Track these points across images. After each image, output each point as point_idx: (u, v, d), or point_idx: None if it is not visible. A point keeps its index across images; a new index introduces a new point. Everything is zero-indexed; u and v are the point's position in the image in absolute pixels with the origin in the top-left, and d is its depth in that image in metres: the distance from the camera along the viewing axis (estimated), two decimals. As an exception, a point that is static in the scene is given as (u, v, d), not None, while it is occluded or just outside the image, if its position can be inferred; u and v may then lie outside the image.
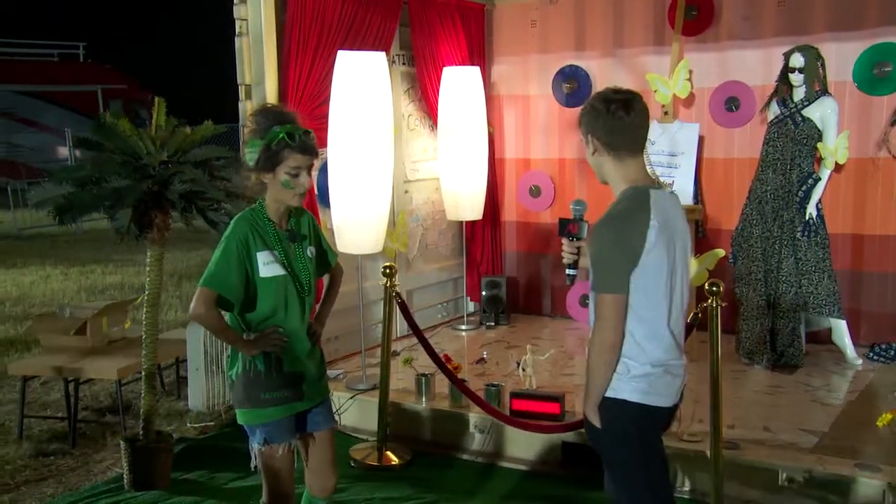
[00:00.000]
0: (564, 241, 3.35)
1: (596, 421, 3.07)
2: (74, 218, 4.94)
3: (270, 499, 3.54)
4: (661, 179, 3.35)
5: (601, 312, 2.98)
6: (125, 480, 4.88)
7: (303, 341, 3.52)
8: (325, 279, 3.88)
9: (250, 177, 3.43)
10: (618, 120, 3.00)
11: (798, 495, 4.42)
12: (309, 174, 3.43)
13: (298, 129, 3.38)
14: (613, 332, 2.97)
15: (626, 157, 3.05)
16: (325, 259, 3.73)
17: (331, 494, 3.75)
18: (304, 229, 3.57)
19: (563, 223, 3.36)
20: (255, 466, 3.51)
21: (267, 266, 3.38)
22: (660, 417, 3.12)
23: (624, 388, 3.02)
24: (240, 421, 3.52)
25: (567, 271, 3.38)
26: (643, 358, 3.02)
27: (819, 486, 4.39)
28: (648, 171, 3.15)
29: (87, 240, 13.30)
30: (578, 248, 3.32)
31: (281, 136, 3.33)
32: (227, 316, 3.47)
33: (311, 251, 3.57)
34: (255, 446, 3.47)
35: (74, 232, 14.52)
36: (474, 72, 7.19)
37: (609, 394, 3.04)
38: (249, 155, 3.39)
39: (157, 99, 4.93)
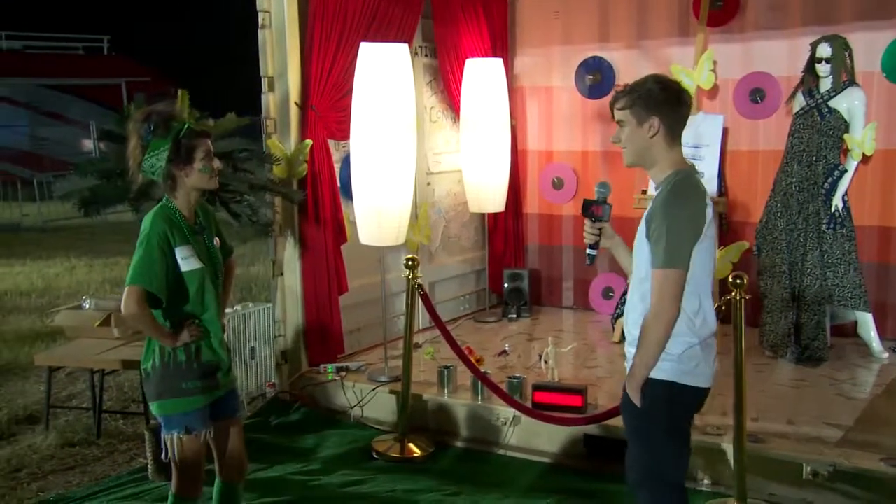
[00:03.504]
0: (587, 221, 3.39)
1: (638, 400, 3.10)
2: (99, 210, 5.00)
3: (182, 486, 3.57)
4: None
5: (664, 288, 2.99)
6: (149, 470, 4.93)
7: (218, 331, 3.58)
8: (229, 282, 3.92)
9: (161, 181, 3.47)
10: (684, 109, 3.15)
11: (822, 489, 4.40)
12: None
13: (190, 120, 3.47)
14: (676, 308, 3.00)
15: (676, 143, 3.16)
16: (225, 249, 3.76)
17: (243, 478, 3.82)
18: (209, 222, 3.64)
19: (587, 204, 3.40)
20: (168, 456, 3.54)
21: (186, 260, 3.44)
22: (698, 398, 3.18)
23: (672, 369, 3.07)
24: (157, 412, 3.56)
25: (588, 251, 3.41)
26: (691, 335, 3.07)
27: (844, 480, 4.37)
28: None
29: (112, 232, 13.36)
30: (600, 229, 3.36)
31: (187, 126, 3.42)
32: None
33: (216, 241, 3.63)
34: (173, 435, 3.50)
35: (99, 224, 14.66)
36: (497, 63, 7.18)
37: (659, 375, 3.07)
38: (154, 160, 3.41)
39: (180, 91, 4.97)
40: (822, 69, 6.01)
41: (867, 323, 6.24)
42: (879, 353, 6.21)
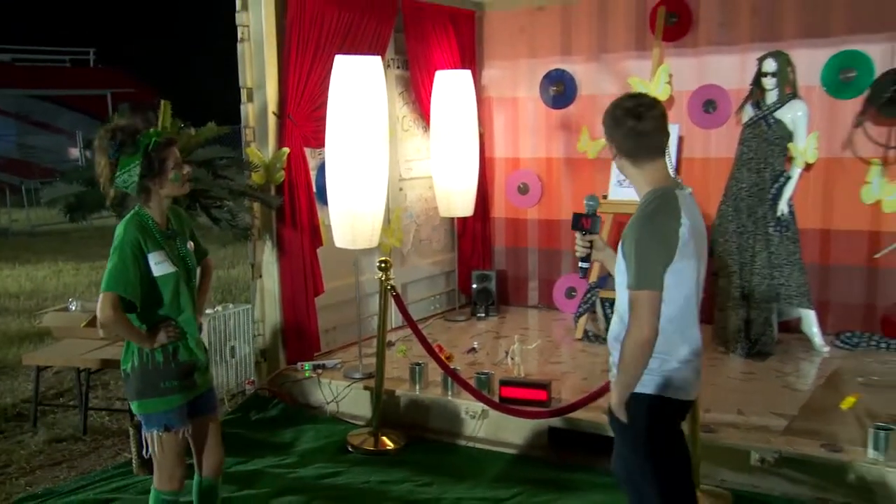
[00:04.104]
0: (577, 234, 3.31)
1: (623, 417, 3.00)
2: (84, 216, 4.96)
3: (162, 481, 3.55)
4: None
5: (638, 310, 2.89)
6: (133, 465, 4.90)
7: (194, 332, 3.55)
8: (208, 282, 3.90)
9: (135, 194, 3.43)
10: (630, 129, 2.98)
11: (769, 474, 4.45)
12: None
13: (153, 131, 3.42)
14: (650, 329, 2.87)
15: (644, 161, 3.01)
16: (200, 251, 3.73)
17: (220, 472, 3.80)
18: (182, 227, 3.60)
19: (577, 217, 3.32)
20: (148, 453, 3.53)
21: (159, 265, 3.40)
22: (683, 411, 3.11)
23: (649, 382, 2.98)
24: (137, 411, 3.54)
25: (580, 264, 3.36)
26: (674, 354, 2.98)
27: (788, 465, 4.42)
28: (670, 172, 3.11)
29: (97, 236, 13.24)
30: (591, 241, 3.29)
31: (153, 139, 3.36)
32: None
33: (189, 245, 3.60)
34: (153, 433, 3.48)
35: (85, 229, 14.55)
36: (465, 75, 7.19)
37: (640, 389, 2.98)
38: (127, 175, 3.36)
39: (163, 102, 4.94)
40: (768, 83, 6.06)
41: (810, 319, 6.29)
42: (821, 346, 6.27)
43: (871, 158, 6.37)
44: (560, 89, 7.54)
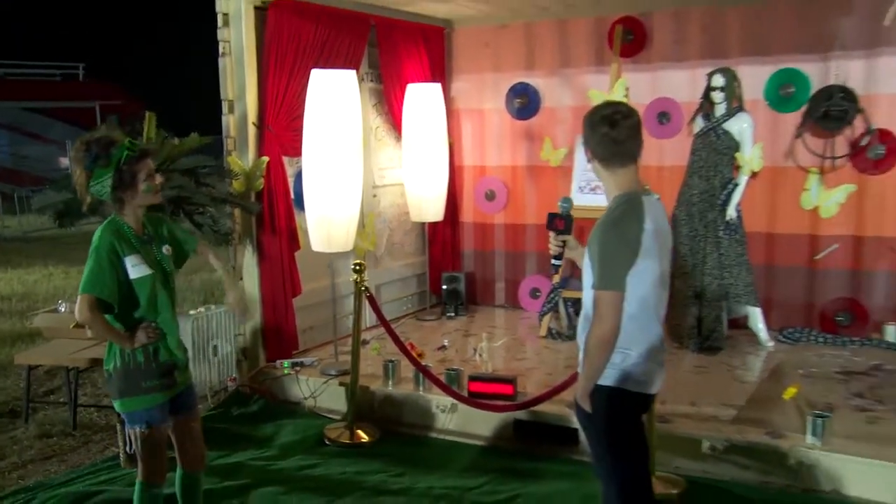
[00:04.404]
0: (551, 234, 3.33)
1: (587, 406, 3.03)
2: (72, 221, 4.94)
3: (146, 474, 3.55)
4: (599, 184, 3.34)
5: (601, 309, 2.91)
6: (121, 458, 4.89)
7: (173, 332, 3.54)
8: (214, 261, 3.92)
9: (110, 203, 3.43)
10: (603, 135, 2.98)
11: (719, 461, 4.52)
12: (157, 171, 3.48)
13: (128, 142, 3.38)
14: (611, 327, 2.90)
15: (616, 167, 3.01)
16: (183, 251, 3.71)
17: (204, 466, 3.81)
18: (158, 232, 3.58)
19: (551, 217, 3.33)
20: (132, 449, 3.53)
21: (135, 268, 3.39)
22: (643, 403, 3.11)
23: (610, 375, 3.00)
24: (120, 409, 3.53)
25: (553, 262, 3.37)
26: (634, 350, 2.99)
27: (736, 452, 4.49)
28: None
29: (86, 242, 13.06)
30: (564, 241, 3.31)
31: (125, 153, 3.34)
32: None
33: (166, 249, 3.57)
34: (136, 430, 3.48)
35: (74, 234, 14.42)
36: (435, 88, 7.21)
37: (601, 381, 3.00)
38: (100, 186, 3.36)
39: (148, 113, 4.94)
40: (717, 96, 6.13)
41: (756, 316, 6.37)
42: (766, 341, 6.35)
43: (810, 167, 6.46)
44: (524, 101, 7.57)
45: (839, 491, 4.28)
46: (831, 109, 6.33)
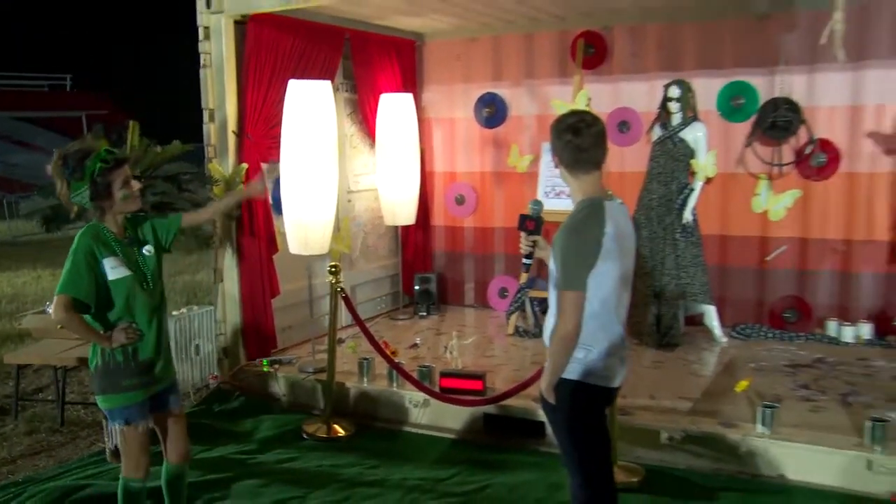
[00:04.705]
0: (522, 234, 3.34)
1: (552, 399, 3.04)
2: (59, 226, 4.89)
3: (128, 469, 3.53)
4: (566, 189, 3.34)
5: (563, 307, 2.93)
6: (107, 453, 4.85)
7: (152, 333, 3.49)
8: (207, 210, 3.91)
9: (89, 211, 3.41)
10: (568, 142, 2.99)
11: (676, 450, 4.57)
12: (133, 178, 3.44)
13: (103, 152, 3.35)
14: (573, 324, 2.91)
15: (580, 173, 3.02)
16: (168, 236, 3.62)
17: (187, 460, 3.79)
18: (140, 234, 3.53)
19: (522, 219, 3.34)
20: (116, 444, 3.52)
21: (114, 270, 3.36)
22: (602, 396, 3.10)
23: (575, 369, 3.01)
24: (102, 406, 3.51)
25: (524, 261, 3.37)
26: (596, 346, 3.00)
27: (692, 441, 4.54)
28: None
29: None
30: (534, 241, 3.32)
31: (97, 165, 3.30)
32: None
33: (147, 249, 3.52)
34: (116, 426, 3.47)
35: (61, 238, 14.24)
36: (407, 98, 7.22)
37: (564, 375, 3.01)
38: (79, 198, 3.34)
39: (131, 122, 4.91)
40: (673, 107, 6.19)
41: (711, 314, 6.42)
42: (720, 338, 6.41)
43: (760, 174, 6.54)
44: (492, 111, 7.59)
45: (785, 476, 4.36)
46: (778, 120, 6.43)
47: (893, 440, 4.29)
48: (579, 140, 2.98)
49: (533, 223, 3.35)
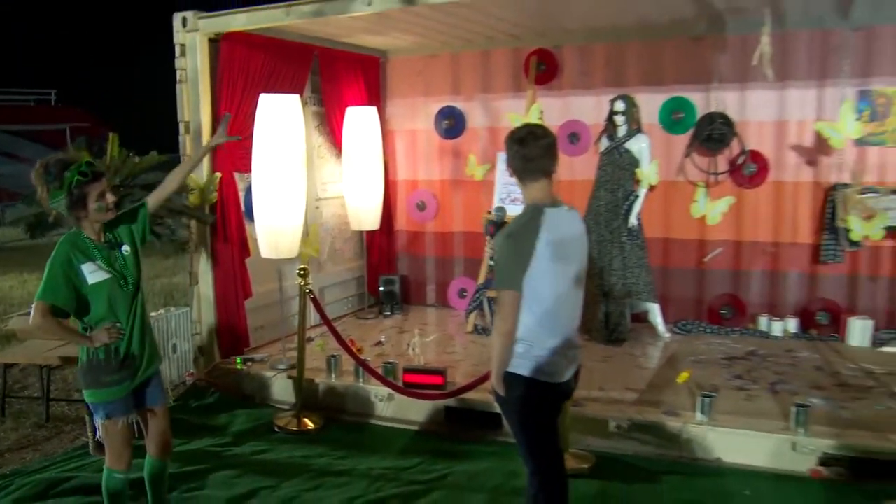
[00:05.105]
0: (488, 238, 3.36)
1: (501, 390, 3.07)
2: (43, 233, 4.84)
3: (111, 461, 3.52)
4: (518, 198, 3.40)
5: (501, 306, 2.97)
6: (90, 447, 4.82)
7: (135, 329, 3.48)
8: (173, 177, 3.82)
9: (65, 217, 3.40)
10: (516, 152, 3.03)
11: (623, 438, 4.64)
12: (109, 191, 3.42)
13: (83, 165, 3.33)
14: (509, 321, 2.96)
15: (528, 181, 3.04)
16: (141, 225, 3.58)
17: (169, 455, 3.77)
18: (117, 236, 3.50)
19: (488, 224, 3.38)
20: (100, 437, 3.50)
21: (93, 274, 3.34)
22: (550, 391, 3.08)
23: (521, 365, 3.02)
24: (87, 400, 3.50)
25: (489, 262, 3.43)
26: (539, 343, 3.01)
27: (638, 430, 4.62)
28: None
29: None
30: None
31: (75, 178, 3.29)
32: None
33: (125, 249, 3.49)
34: (99, 420, 3.45)
35: (46, 244, 13.92)
36: (372, 111, 7.23)
37: (510, 369, 3.03)
38: (57, 204, 3.33)
39: (111, 135, 4.87)
40: (619, 119, 6.26)
41: (655, 311, 6.52)
42: (663, 333, 6.51)
43: (698, 182, 6.67)
44: (451, 123, 7.63)
45: (721, 459, 4.46)
46: (713, 133, 6.56)
47: (815, 423, 4.43)
48: (525, 150, 3.02)
49: (494, 227, 3.40)
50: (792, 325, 6.55)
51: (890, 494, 4.00)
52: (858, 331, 6.25)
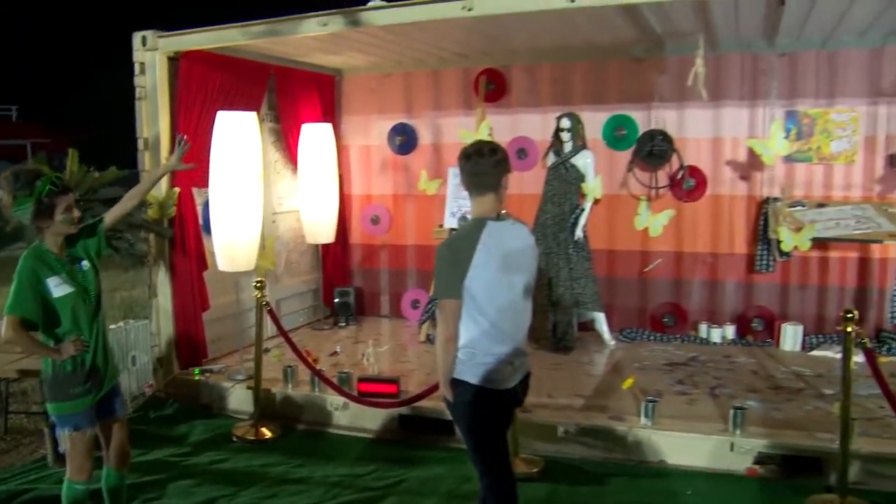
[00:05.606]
0: None
1: (449, 396, 3.09)
2: (2, 246, 4.77)
3: (73, 472, 3.49)
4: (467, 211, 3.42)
5: (442, 314, 3.00)
6: (49, 459, 4.75)
7: (97, 341, 3.48)
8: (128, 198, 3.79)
9: (29, 227, 3.38)
10: (463, 167, 3.08)
11: (571, 443, 4.71)
12: (75, 206, 3.42)
13: (53, 177, 3.34)
14: (450, 328, 2.99)
15: (475, 194, 3.08)
16: (97, 242, 3.55)
17: (127, 466, 3.75)
18: (76, 250, 3.49)
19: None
20: (63, 450, 3.47)
21: (58, 287, 3.34)
22: (496, 397, 3.08)
23: (467, 372, 3.04)
24: (51, 412, 3.48)
25: None
26: (483, 351, 3.02)
27: (585, 434, 4.69)
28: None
29: (12, 265, 12.41)
30: None
31: (47, 188, 3.30)
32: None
33: (84, 264, 3.48)
34: (64, 432, 3.43)
35: (3, 258, 13.56)
36: (327, 128, 7.24)
37: (456, 375, 3.05)
38: (20, 212, 3.32)
39: (71, 150, 4.83)
40: (565, 136, 6.36)
41: (601, 320, 6.60)
42: (609, 341, 6.60)
43: (640, 195, 6.82)
44: (404, 139, 7.66)
45: (665, 461, 4.57)
46: (654, 149, 6.73)
47: (751, 424, 4.58)
48: (470, 165, 3.06)
49: None
50: (730, 331, 6.74)
51: (817, 489, 4.16)
52: (790, 336, 6.47)
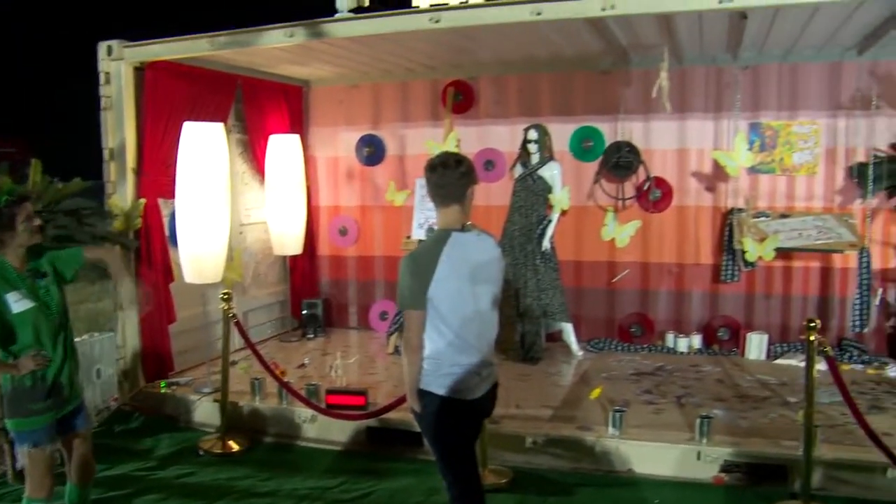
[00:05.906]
0: None
1: (416, 406, 3.11)
2: None
3: (33, 490, 3.44)
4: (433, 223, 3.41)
5: (406, 323, 3.04)
6: (8, 476, 4.63)
7: (59, 357, 3.43)
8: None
9: None
10: (427, 178, 3.09)
11: (539, 453, 4.72)
12: (35, 215, 3.39)
13: (9, 187, 3.36)
14: (414, 338, 3.02)
15: (439, 206, 3.10)
16: (69, 269, 3.53)
17: (91, 481, 3.71)
18: (39, 266, 3.45)
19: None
20: (21, 466, 3.43)
21: (17, 303, 3.30)
22: (463, 407, 3.08)
23: (433, 382, 3.06)
24: (10, 428, 3.42)
25: None
26: (447, 361, 3.03)
27: (553, 444, 4.72)
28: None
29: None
30: None
31: (3, 198, 3.29)
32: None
33: (47, 280, 3.44)
34: (23, 449, 3.38)
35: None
36: (294, 139, 7.23)
37: (422, 386, 3.07)
38: None
39: (34, 161, 4.77)
40: (532, 147, 6.41)
41: (569, 330, 6.63)
42: (577, 352, 6.63)
43: (607, 206, 6.89)
44: (371, 150, 7.67)
45: (633, 470, 4.61)
46: (620, 160, 6.81)
47: (717, 433, 4.64)
48: (434, 177, 3.07)
49: None
50: (696, 341, 6.83)
51: (782, 496, 4.22)
52: (755, 345, 6.57)
